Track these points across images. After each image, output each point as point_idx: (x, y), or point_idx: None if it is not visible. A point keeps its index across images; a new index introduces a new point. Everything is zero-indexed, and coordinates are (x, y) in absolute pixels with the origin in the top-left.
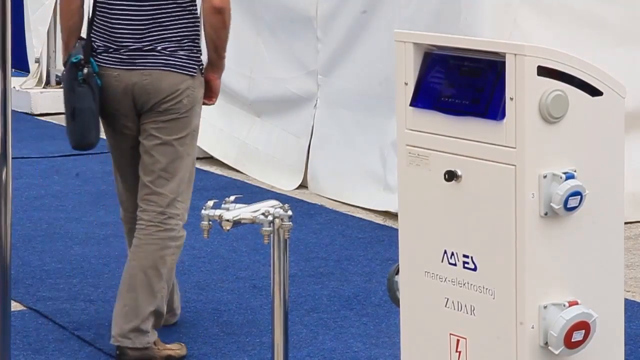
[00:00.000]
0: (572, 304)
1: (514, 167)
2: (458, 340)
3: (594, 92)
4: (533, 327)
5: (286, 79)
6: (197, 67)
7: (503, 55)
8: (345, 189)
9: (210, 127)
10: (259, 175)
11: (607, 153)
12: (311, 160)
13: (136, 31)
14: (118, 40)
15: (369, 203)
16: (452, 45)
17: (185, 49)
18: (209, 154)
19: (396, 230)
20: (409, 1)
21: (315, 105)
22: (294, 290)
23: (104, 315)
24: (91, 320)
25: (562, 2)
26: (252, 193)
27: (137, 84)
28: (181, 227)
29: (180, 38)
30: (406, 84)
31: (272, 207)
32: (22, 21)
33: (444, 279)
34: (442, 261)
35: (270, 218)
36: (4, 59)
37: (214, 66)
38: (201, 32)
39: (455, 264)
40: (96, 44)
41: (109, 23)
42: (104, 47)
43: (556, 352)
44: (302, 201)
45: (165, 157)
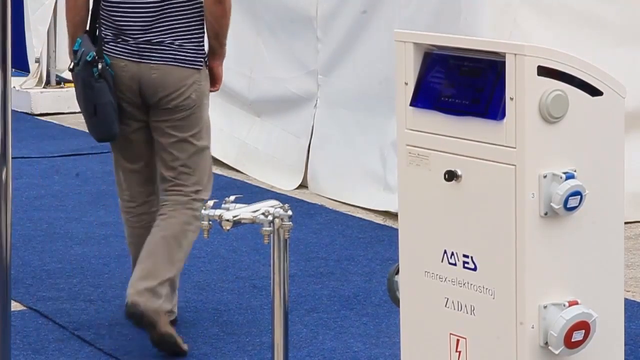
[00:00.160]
0: (572, 304)
1: (514, 167)
2: (458, 340)
3: (594, 92)
4: (533, 327)
5: (286, 79)
6: (203, 60)
7: (503, 55)
8: (345, 189)
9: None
10: (259, 175)
11: (607, 153)
12: (311, 160)
13: (145, 23)
14: (126, 32)
15: (369, 203)
16: (452, 45)
17: (193, 41)
18: None
19: (396, 230)
20: (409, 1)
21: (315, 105)
22: (294, 290)
23: (104, 315)
24: (91, 320)
25: (562, 2)
26: (252, 193)
27: (145, 77)
28: None
29: (187, 30)
30: (406, 84)
31: (272, 207)
32: (22, 21)
33: (444, 279)
34: (442, 261)
35: (270, 218)
36: (4, 59)
37: (216, 54)
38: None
39: (455, 264)
40: (104, 33)
41: (117, 14)
42: (111, 37)
43: (556, 352)
44: (302, 201)
45: (184, 153)
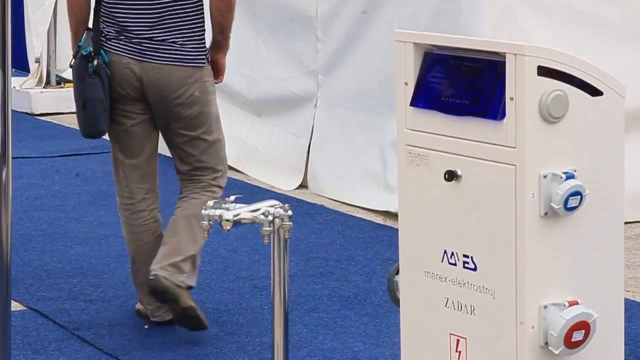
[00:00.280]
0: (572, 303)
1: (514, 167)
2: (458, 340)
3: (594, 92)
4: (533, 327)
5: (286, 79)
6: (205, 57)
7: (503, 55)
8: (345, 189)
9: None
10: (259, 175)
11: (607, 153)
12: (311, 160)
13: (148, 21)
14: (129, 29)
15: (369, 203)
16: (452, 45)
17: (194, 40)
18: None
19: (396, 230)
20: (409, 1)
21: (315, 105)
22: (294, 290)
23: (104, 315)
24: (91, 320)
25: (562, 2)
26: (252, 193)
27: (148, 76)
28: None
29: (190, 29)
30: (406, 84)
31: (272, 207)
32: (22, 21)
33: (444, 279)
34: (442, 261)
35: (270, 218)
36: (4, 59)
37: (221, 47)
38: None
39: (455, 264)
40: (106, 29)
41: (119, 12)
42: (114, 34)
43: (556, 352)
44: (302, 201)
45: (198, 150)
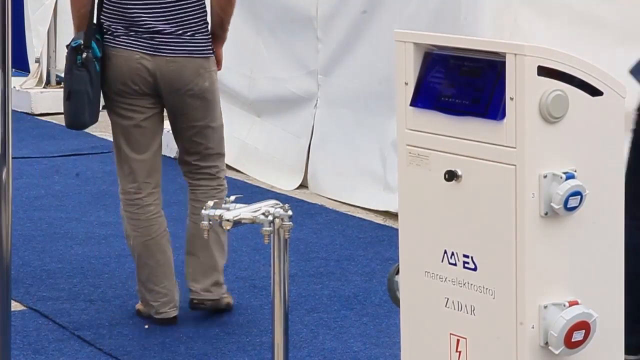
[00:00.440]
0: (572, 303)
1: (514, 167)
2: (458, 340)
3: (594, 92)
4: (533, 327)
5: (286, 79)
6: (211, 48)
7: (503, 55)
8: (345, 189)
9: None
10: (259, 175)
11: (607, 153)
12: (311, 160)
13: (158, 14)
14: (138, 23)
15: (369, 203)
16: (452, 45)
17: (201, 31)
18: None
19: (396, 230)
20: (409, 1)
21: (316, 105)
22: (294, 290)
23: (104, 315)
24: (91, 320)
25: (562, 2)
26: (252, 193)
27: (162, 70)
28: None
29: (197, 20)
30: (406, 84)
31: (272, 207)
32: (22, 21)
33: (444, 279)
34: (442, 261)
35: (270, 218)
36: (4, 59)
37: (219, 39)
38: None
39: (455, 264)
40: (112, 26)
41: (128, 6)
42: (123, 30)
43: (556, 352)
44: (302, 201)
45: (205, 138)
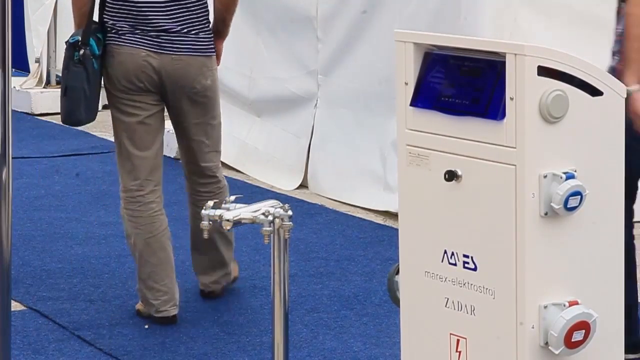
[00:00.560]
0: (572, 303)
1: (514, 167)
2: (458, 340)
3: (594, 92)
4: (533, 327)
5: (286, 78)
6: (213, 46)
7: (503, 55)
8: (345, 189)
9: None
10: (259, 175)
11: (607, 153)
12: (311, 160)
13: (163, 13)
14: (145, 22)
15: (369, 203)
16: (452, 45)
17: (205, 29)
18: None
19: (396, 230)
20: (409, 1)
21: (316, 105)
22: (294, 290)
23: (104, 315)
24: (91, 320)
25: (562, 2)
26: (252, 193)
27: (167, 68)
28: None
29: (201, 19)
30: (406, 84)
31: (272, 207)
32: (22, 21)
33: (444, 279)
34: (442, 261)
35: (270, 218)
36: (4, 59)
37: (221, 34)
38: None
39: (455, 264)
40: (117, 25)
41: (135, 6)
42: (128, 28)
43: (556, 352)
44: (302, 201)
45: (206, 136)
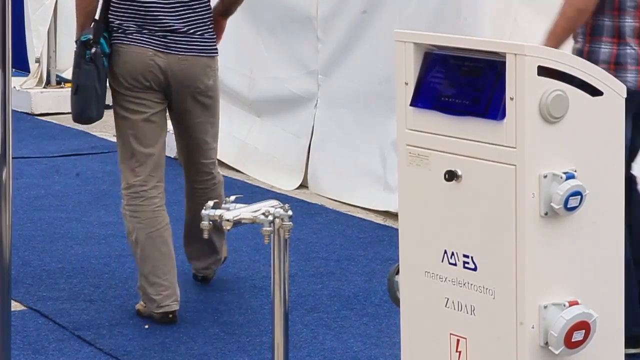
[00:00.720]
0: (572, 303)
1: (514, 167)
2: (458, 340)
3: (594, 92)
4: (533, 327)
5: (286, 78)
6: (216, 47)
7: (503, 55)
8: (345, 189)
9: None
10: (259, 175)
11: (607, 153)
12: (311, 160)
13: (171, 13)
14: (152, 22)
15: (369, 203)
16: (452, 45)
17: (209, 30)
18: None
19: (396, 230)
20: (409, 1)
21: (316, 105)
22: (294, 290)
23: (104, 315)
24: (91, 320)
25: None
26: (252, 193)
27: (174, 67)
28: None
29: (206, 20)
30: (406, 84)
31: (272, 207)
32: (22, 21)
33: (444, 279)
34: (442, 261)
35: (270, 218)
36: (4, 59)
37: (229, 14)
38: None
39: (455, 264)
40: (124, 24)
41: (143, 6)
42: (135, 28)
43: (556, 352)
44: (302, 201)
45: (208, 134)
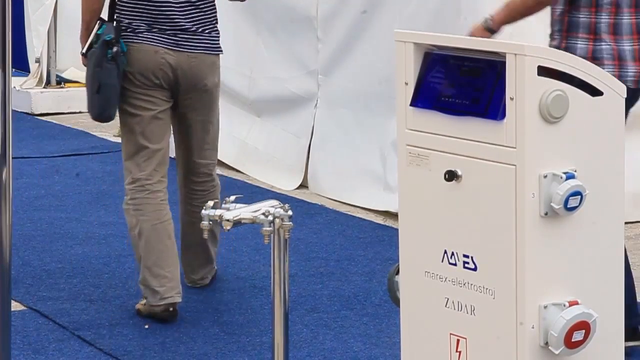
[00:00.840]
0: (572, 303)
1: (514, 167)
2: (458, 340)
3: (594, 92)
4: (533, 327)
5: (286, 78)
6: (220, 45)
7: (503, 55)
8: (345, 189)
9: None
10: (259, 175)
11: (607, 153)
12: (311, 160)
13: (180, 12)
14: (163, 21)
15: (369, 203)
16: (452, 45)
17: (215, 29)
18: None
19: (396, 230)
20: (409, 1)
21: (316, 105)
22: (294, 290)
23: (104, 315)
24: (91, 320)
25: None
26: (252, 193)
27: (183, 65)
28: None
29: (211, 19)
30: (406, 84)
31: (272, 207)
32: (22, 21)
33: (444, 279)
34: (442, 261)
35: (270, 218)
36: (4, 59)
37: None
38: None
39: (455, 264)
40: (133, 23)
41: (152, 4)
42: (145, 27)
43: (556, 352)
44: (302, 201)
45: (208, 133)
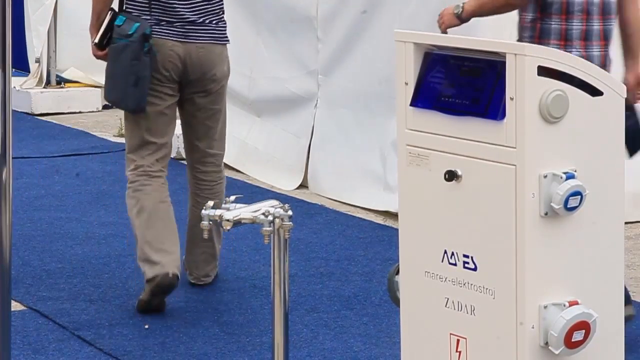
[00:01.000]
0: (572, 303)
1: (514, 167)
2: (458, 340)
3: (594, 92)
4: (533, 327)
5: (286, 78)
6: (227, 35)
7: (503, 55)
8: (345, 189)
9: None
10: (259, 175)
11: (607, 153)
12: (311, 160)
13: (187, 4)
14: (170, 13)
15: (369, 203)
16: (452, 45)
17: (222, 19)
18: None
19: (396, 230)
20: (409, 1)
21: (316, 105)
22: (294, 290)
23: (104, 315)
24: (91, 320)
25: None
26: (252, 193)
27: (192, 56)
28: None
29: (218, 10)
30: (406, 84)
31: (272, 207)
32: (22, 21)
33: (444, 279)
34: (442, 261)
35: (270, 218)
36: (4, 59)
37: None
38: None
39: (455, 264)
40: (142, 17)
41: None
42: (155, 21)
43: (556, 352)
44: (302, 201)
45: (217, 123)
